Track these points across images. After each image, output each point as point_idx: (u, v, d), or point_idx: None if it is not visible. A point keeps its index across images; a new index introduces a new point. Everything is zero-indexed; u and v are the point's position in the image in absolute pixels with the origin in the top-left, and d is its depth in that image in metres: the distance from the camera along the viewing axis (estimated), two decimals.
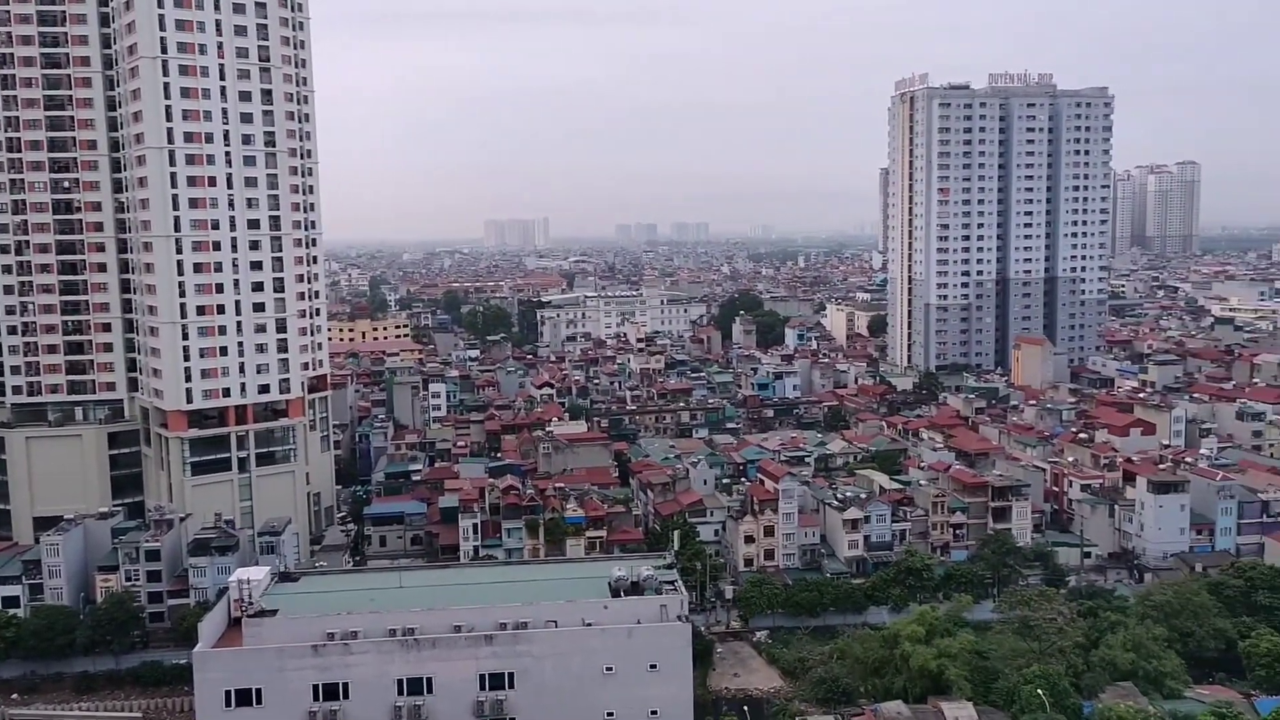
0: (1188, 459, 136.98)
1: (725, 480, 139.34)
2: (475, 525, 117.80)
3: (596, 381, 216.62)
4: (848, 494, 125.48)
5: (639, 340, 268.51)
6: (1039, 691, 79.93)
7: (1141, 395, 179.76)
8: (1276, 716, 72.52)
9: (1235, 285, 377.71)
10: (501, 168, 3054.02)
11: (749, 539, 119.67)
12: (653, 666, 72.23)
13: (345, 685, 70.43)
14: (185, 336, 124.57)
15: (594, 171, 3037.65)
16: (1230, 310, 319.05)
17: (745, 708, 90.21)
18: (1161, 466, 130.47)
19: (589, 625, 72.58)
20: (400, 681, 70.70)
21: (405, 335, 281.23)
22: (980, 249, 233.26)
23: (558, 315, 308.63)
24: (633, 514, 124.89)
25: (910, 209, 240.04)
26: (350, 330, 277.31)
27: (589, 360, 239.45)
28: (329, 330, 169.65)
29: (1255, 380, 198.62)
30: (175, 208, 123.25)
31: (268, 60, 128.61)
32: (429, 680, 70.89)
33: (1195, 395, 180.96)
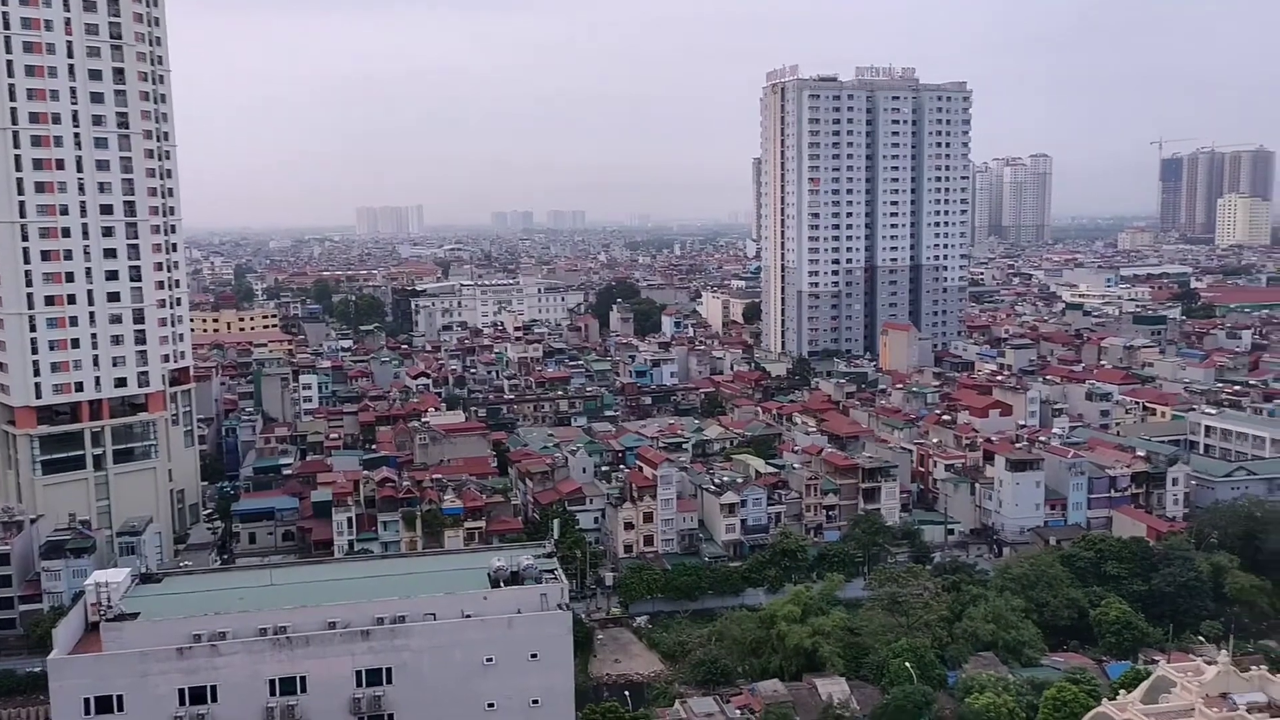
0: (1042, 438, 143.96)
1: (604, 468, 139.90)
2: (350, 519, 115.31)
3: (474, 371, 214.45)
4: (725, 479, 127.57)
5: (516, 329, 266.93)
6: (907, 664, 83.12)
7: (999, 378, 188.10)
8: (1125, 679, 76.98)
9: (1084, 272, 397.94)
10: (374, 154, 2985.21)
11: (628, 525, 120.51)
12: (533, 656, 72.00)
13: (213, 688, 68.04)
14: (33, 328, 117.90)
15: (469, 159, 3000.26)
16: (1079, 296, 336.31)
17: (626, 693, 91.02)
18: (1018, 446, 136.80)
19: (468, 617, 71.88)
20: (272, 682, 68.66)
21: (273, 326, 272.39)
22: (849, 238, 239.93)
23: (433, 304, 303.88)
24: (512, 504, 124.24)
25: (782, 198, 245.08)
26: (214, 321, 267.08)
27: (466, 350, 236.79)
28: (191, 321, 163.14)
29: (1103, 362, 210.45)
30: (20, 192, 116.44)
31: (119, 37, 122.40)
32: (302, 679, 69.11)
33: (1048, 377, 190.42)
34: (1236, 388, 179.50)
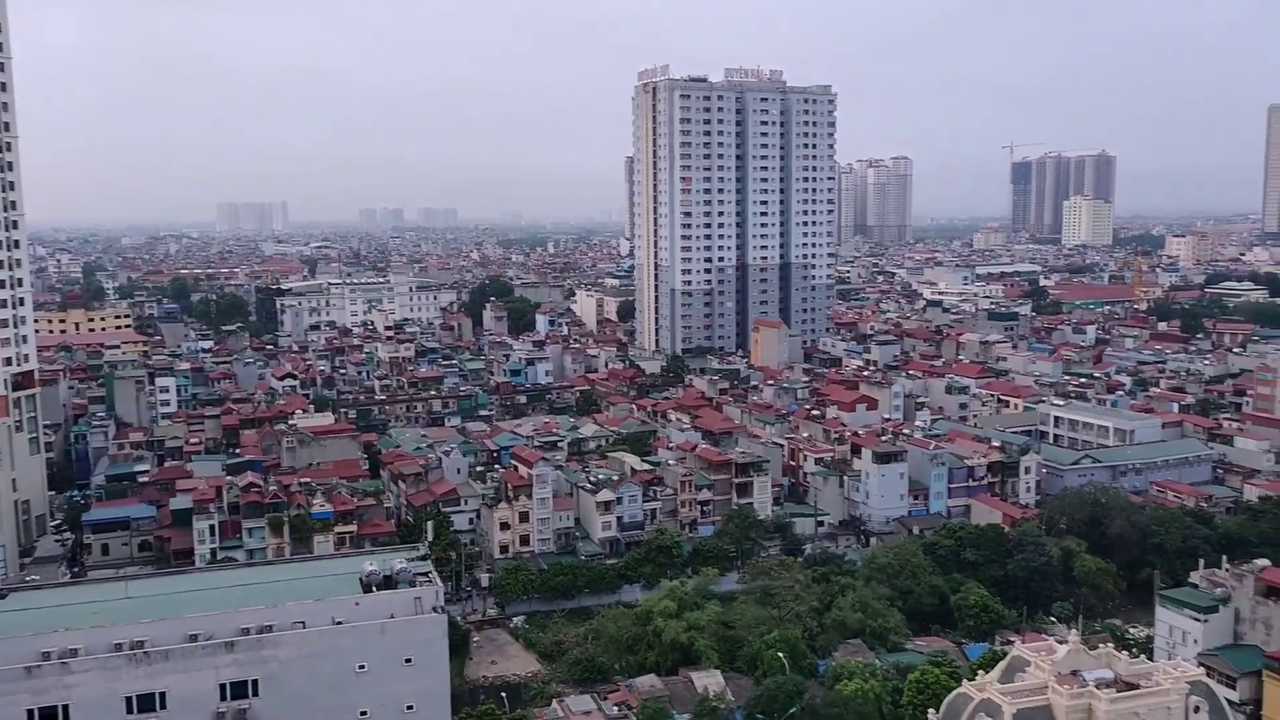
0: (905, 431, 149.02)
1: (479, 468, 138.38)
2: (212, 527, 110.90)
3: (343, 371, 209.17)
4: (600, 477, 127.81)
5: (387, 328, 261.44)
6: (779, 655, 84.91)
7: (865, 373, 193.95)
8: (984, 660, 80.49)
9: (943, 271, 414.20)
10: (236, 149, 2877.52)
11: (504, 526, 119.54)
12: (408, 661, 70.77)
13: (65, 708, 64.62)
14: None
15: (335, 154, 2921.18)
16: (939, 294, 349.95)
17: (503, 694, 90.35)
18: (883, 439, 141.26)
19: (339, 624, 70.13)
20: (129, 699, 65.62)
21: (127, 326, 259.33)
22: (721, 236, 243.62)
23: (299, 303, 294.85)
24: (384, 506, 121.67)
25: (655, 197, 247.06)
26: (62, 321, 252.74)
27: (334, 350, 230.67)
28: (36, 322, 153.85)
29: (960, 357, 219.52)
30: None
31: None
32: (162, 695, 66.25)
33: (911, 372, 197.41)
34: (1082, 380, 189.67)
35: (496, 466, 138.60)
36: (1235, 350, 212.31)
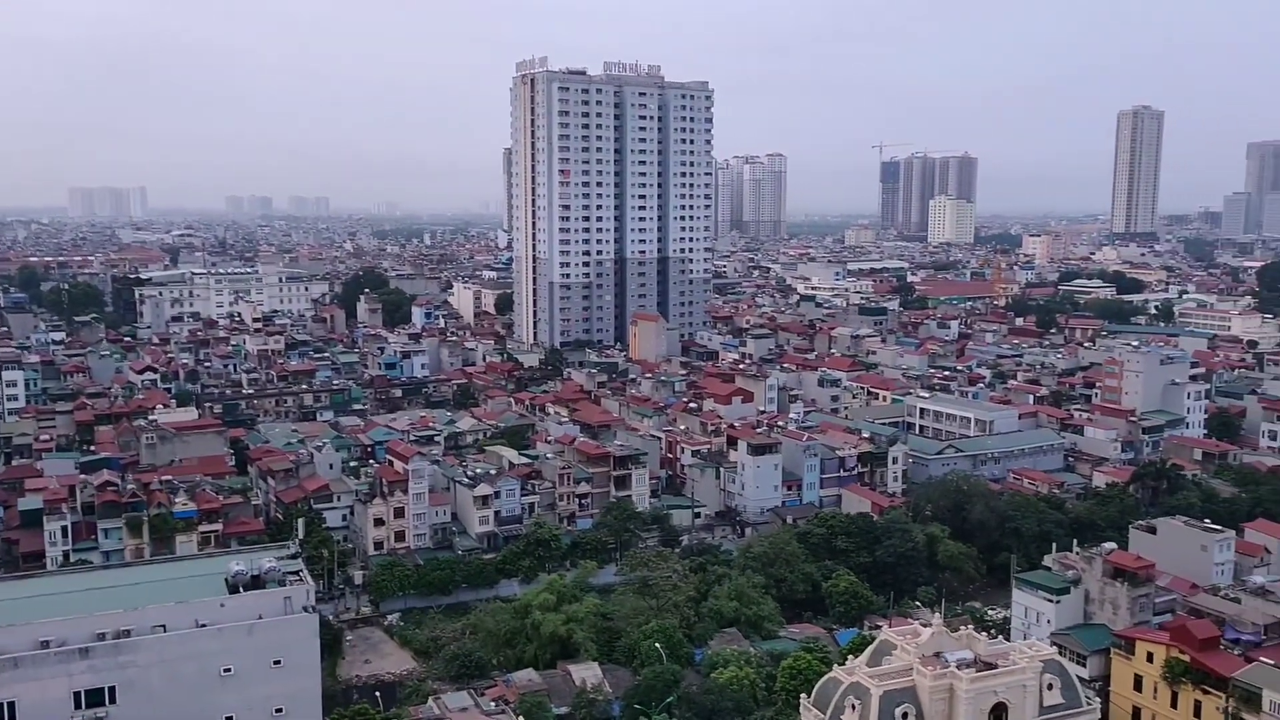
0: (779, 423, 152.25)
1: (353, 463, 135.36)
2: (64, 528, 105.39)
3: (208, 365, 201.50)
4: (478, 471, 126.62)
5: (255, 320, 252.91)
6: (657, 645, 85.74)
7: (741, 366, 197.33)
8: (853, 645, 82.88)
9: (816, 266, 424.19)
10: (90, 130, 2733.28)
11: (379, 522, 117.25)
12: (276, 662, 68.76)
13: None
14: None
15: (199, 138, 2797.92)
16: (812, 289, 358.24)
17: (378, 693, 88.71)
18: (758, 431, 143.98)
19: (203, 626, 67.63)
20: None
21: None
22: (600, 230, 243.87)
23: (160, 294, 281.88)
24: (252, 504, 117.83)
25: (533, 189, 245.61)
26: None
27: (199, 342, 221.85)
28: None
29: (833, 351, 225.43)
30: None
31: None
32: (10, 706, 62.77)
33: (785, 365, 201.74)
34: (946, 373, 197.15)
35: (371, 462, 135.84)
36: (1085, 345, 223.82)
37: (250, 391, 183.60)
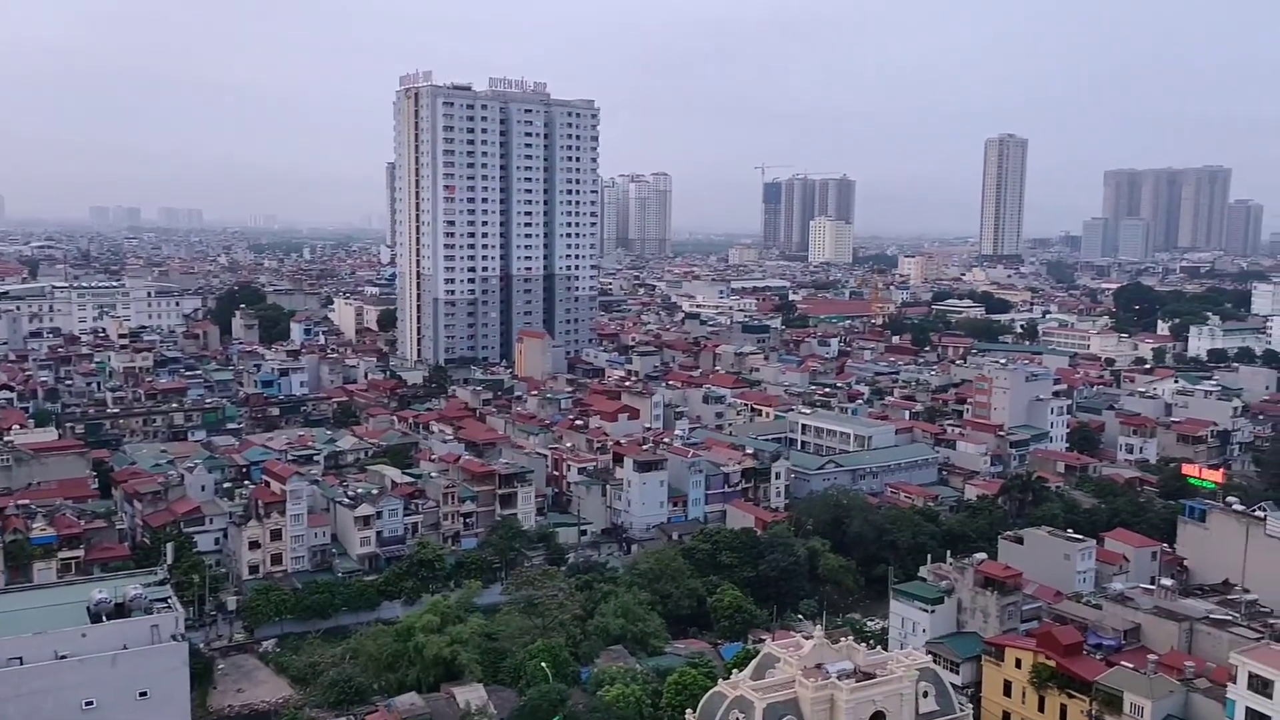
0: (665, 439, 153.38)
1: (227, 485, 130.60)
2: None
3: (69, 383, 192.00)
4: (359, 490, 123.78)
5: (122, 336, 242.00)
6: (543, 665, 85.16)
7: (627, 383, 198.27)
8: (738, 659, 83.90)
9: (700, 284, 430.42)
10: None
11: (254, 545, 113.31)
12: (143, 694, 65.82)
13: None
14: None
15: (62, 146, 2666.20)
16: (697, 307, 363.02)
17: None
18: (644, 447, 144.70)
19: (63, 658, 64.27)
20: None
21: None
22: (485, 246, 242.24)
23: (17, 308, 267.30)
24: (117, 529, 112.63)
25: (418, 204, 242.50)
26: None
27: (59, 359, 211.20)
28: None
29: (717, 368, 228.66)
30: None
31: None
32: None
33: (671, 382, 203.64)
34: (827, 389, 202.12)
35: (246, 483, 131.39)
36: (957, 362, 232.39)
37: (116, 411, 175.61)
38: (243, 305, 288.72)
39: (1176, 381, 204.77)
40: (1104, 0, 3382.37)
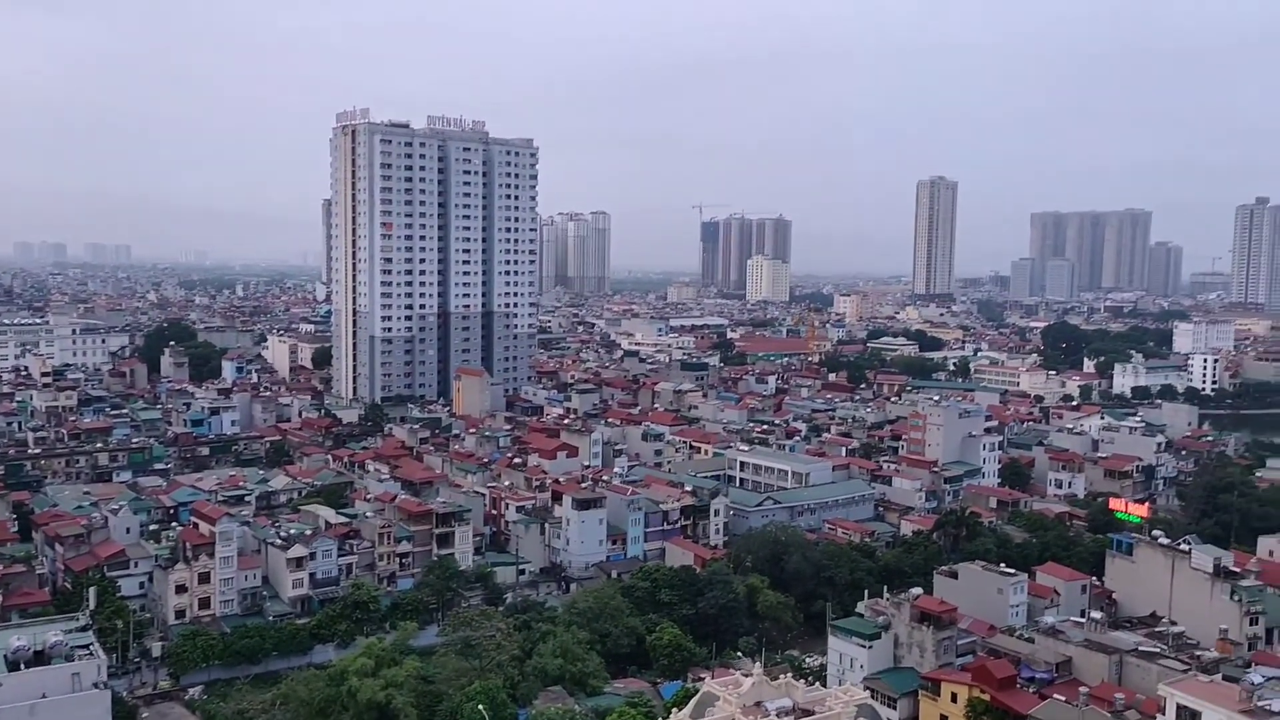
0: (604, 477, 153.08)
1: (153, 526, 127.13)
2: None
3: None
4: (292, 531, 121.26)
5: (45, 374, 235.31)
6: (480, 707, 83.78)
7: (566, 421, 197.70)
8: (677, 698, 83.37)
9: (639, 322, 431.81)
10: None
11: (181, 588, 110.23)
12: None
13: None
14: None
15: None
16: (636, 344, 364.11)
17: None
18: (583, 485, 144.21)
19: None
20: None
21: None
22: (423, 283, 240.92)
23: None
24: (37, 573, 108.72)
25: (354, 241, 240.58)
26: None
27: None
28: None
29: (656, 405, 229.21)
30: None
31: None
32: None
33: (610, 420, 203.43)
34: (764, 426, 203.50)
35: (174, 524, 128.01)
36: (892, 400, 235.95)
37: (37, 451, 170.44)
38: (172, 342, 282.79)
39: (1103, 418, 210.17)
40: (1031, 48, 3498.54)
